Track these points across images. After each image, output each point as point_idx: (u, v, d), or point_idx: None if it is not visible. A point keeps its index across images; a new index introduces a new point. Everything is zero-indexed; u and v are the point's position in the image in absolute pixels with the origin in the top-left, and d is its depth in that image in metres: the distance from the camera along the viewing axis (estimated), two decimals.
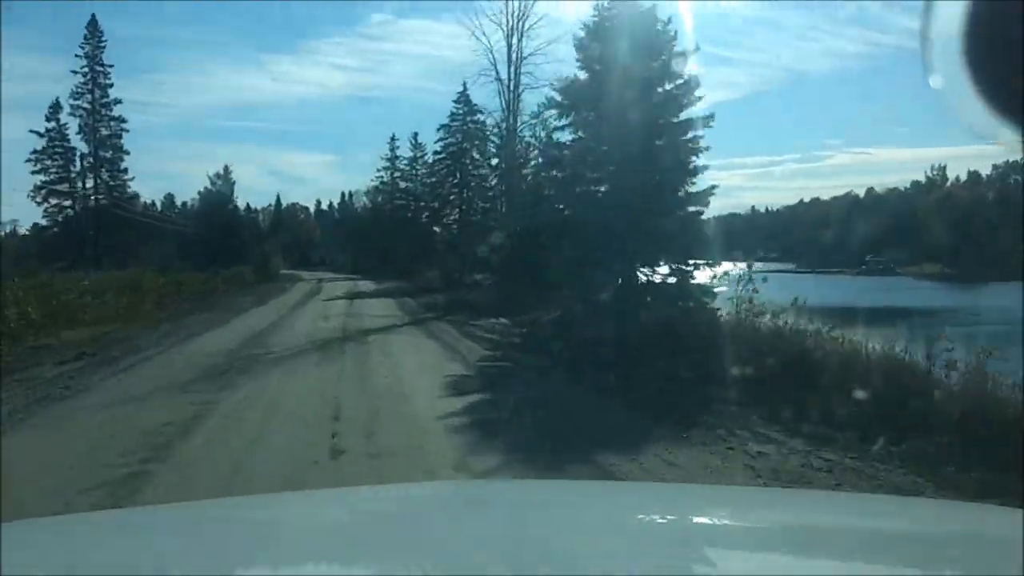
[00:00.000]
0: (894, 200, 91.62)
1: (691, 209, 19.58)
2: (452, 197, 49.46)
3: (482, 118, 47.86)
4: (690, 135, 19.54)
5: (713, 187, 19.65)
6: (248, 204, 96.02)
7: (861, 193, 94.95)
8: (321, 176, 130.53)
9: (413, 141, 67.89)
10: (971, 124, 0.69)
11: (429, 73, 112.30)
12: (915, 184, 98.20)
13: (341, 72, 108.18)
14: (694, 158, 19.33)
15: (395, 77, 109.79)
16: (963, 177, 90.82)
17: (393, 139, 70.42)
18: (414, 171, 68.04)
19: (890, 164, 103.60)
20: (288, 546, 1.57)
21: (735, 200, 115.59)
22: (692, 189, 19.36)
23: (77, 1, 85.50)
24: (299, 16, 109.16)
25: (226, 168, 70.25)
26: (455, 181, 49.34)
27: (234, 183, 70.48)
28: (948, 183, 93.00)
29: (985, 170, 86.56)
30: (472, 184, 48.61)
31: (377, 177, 70.58)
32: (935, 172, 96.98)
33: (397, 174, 70.14)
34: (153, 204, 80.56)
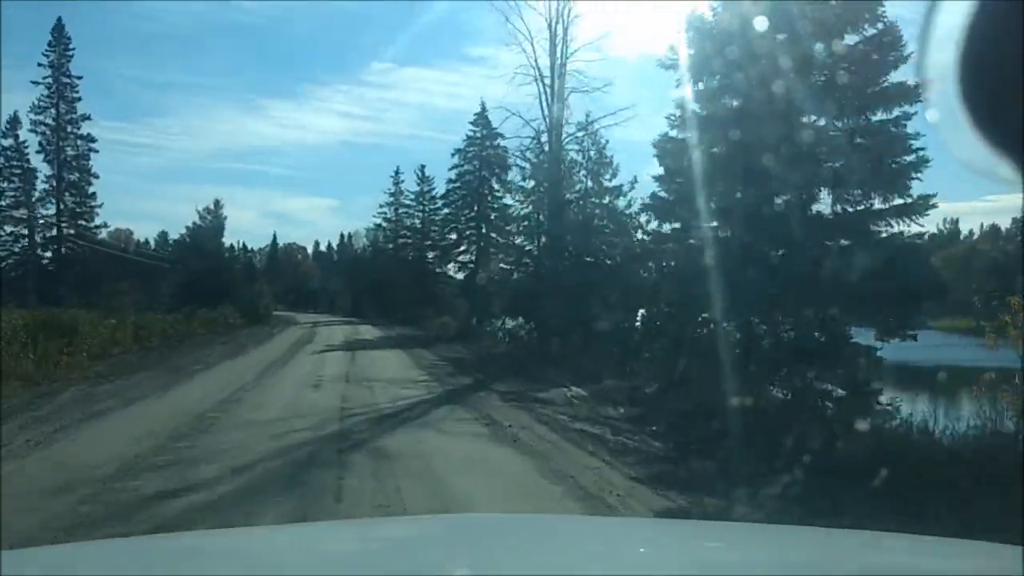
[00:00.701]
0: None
1: (896, 229, 12.18)
2: (469, 232, 42.07)
3: (502, 142, 40.90)
4: (895, 112, 12.24)
5: (930, 196, 12.18)
6: (244, 244, 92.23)
7: None
8: (320, 220, 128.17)
9: (420, 174, 60.69)
10: (968, 159, 0.66)
11: (429, 121, 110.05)
12: (930, 237, 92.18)
13: (342, 118, 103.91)
14: (908, 147, 11.98)
15: (395, 124, 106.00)
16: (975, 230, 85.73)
17: (397, 173, 63.32)
18: (421, 206, 60.80)
19: None
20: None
21: None
22: (904, 199, 11.98)
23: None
24: (301, 63, 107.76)
25: (217, 203, 62.98)
26: (471, 214, 42.02)
27: (225, 218, 63.20)
28: (962, 236, 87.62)
29: (995, 222, 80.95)
30: (492, 217, 41.28)
31: (379, 213, 63.23)
32: (947, 225, 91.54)
33: (402, 210, 62.87)
34: (146, 242, 73.74)
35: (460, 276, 41.54)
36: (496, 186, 41.59)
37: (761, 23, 11.99)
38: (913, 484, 6.29)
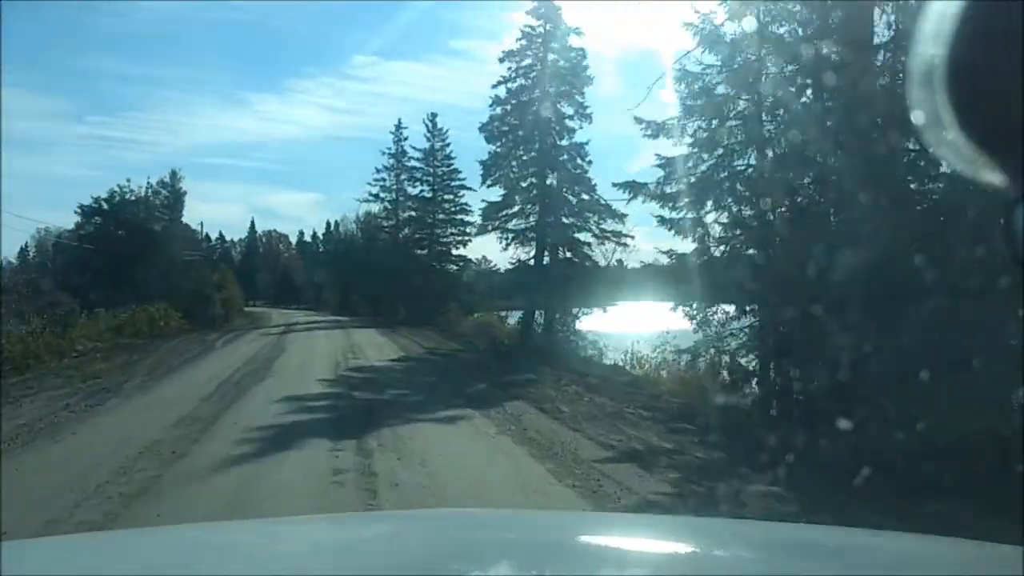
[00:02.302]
0: None
1: None
2: (528, 184, 25.73)
3: (580, 45, 24.82)
4: None
5: None
6: (221, 233, 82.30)
7: None
8: (305, 215, 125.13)
9: (430, 125, 44.39)
10: (952, 161, 0.65)
11: (413, 114, 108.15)
12: None
13: (326, 112, 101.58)
14: None
15: (379, 118, 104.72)
16: None
17: (399, 127, 46.92)
18: (431, 168, 44.44)
19: None
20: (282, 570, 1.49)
21: None
22: None
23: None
24: (284, 57, 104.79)
25: (174, 174, 46.64)
26: (529, 156, 25.74)
27: (184, 193, 46.94)
28: None
29: None
30: (563, 159, 25.14)
31: (377, 181, 46.79)
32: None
33: (405, 176, 46.45)
34: None
35: (513, 253, 25.35)
36: (568, 111, 25.44)
37: None
38: None
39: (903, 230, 9.07)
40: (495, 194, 26.40)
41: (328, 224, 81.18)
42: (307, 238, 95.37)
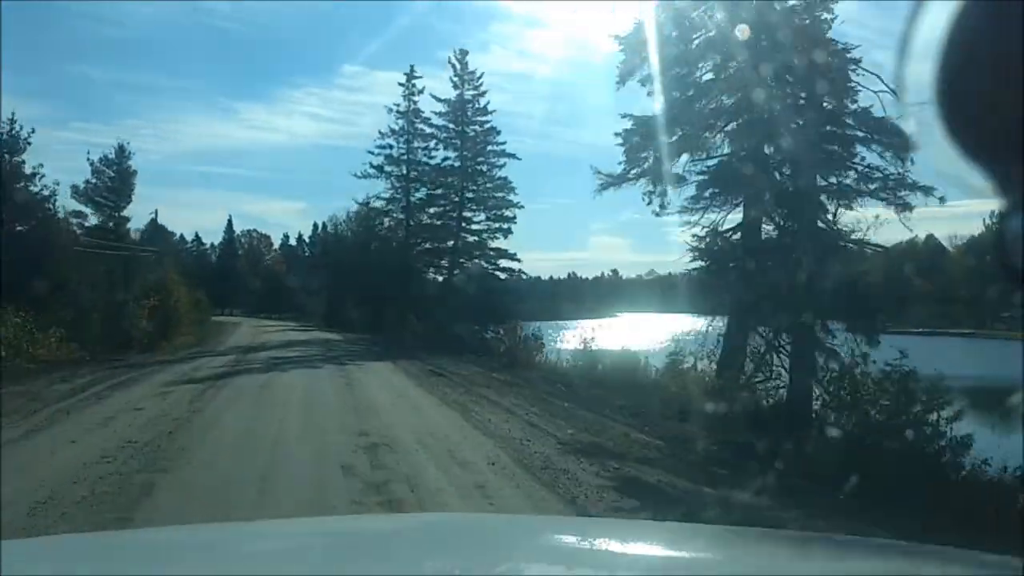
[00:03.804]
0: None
1: None
2: (728, 74, 12.14)
3: None
4: None
5: None
6: (197, 234, 76.29)
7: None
8: (291, 223, 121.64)
9: (458, 63, 30.61)
10: (942, 169, 0.64)
11: None
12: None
13: (313, 121, 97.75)
14: None
15: (367, 127, 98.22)
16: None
17: (411, 74, 33.08)
18: (459, 128, 30.71)
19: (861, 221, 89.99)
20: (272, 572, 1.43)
21: None
22: None
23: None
24: (272, 66, 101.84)
25: (121, 149, 32.68)
26: (725, 23, 12.25)
27: (134, 172, 33.01)
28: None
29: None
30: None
31: (380, 149, 32.99)
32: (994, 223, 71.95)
33: (419, 144, 32.61)
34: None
35: (701, 218, 11.78)
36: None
37: None
38: None
39: None
40: (646, 104, 12.79)
41: (316, 225, 67.75)
42: (292, 241, 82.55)
